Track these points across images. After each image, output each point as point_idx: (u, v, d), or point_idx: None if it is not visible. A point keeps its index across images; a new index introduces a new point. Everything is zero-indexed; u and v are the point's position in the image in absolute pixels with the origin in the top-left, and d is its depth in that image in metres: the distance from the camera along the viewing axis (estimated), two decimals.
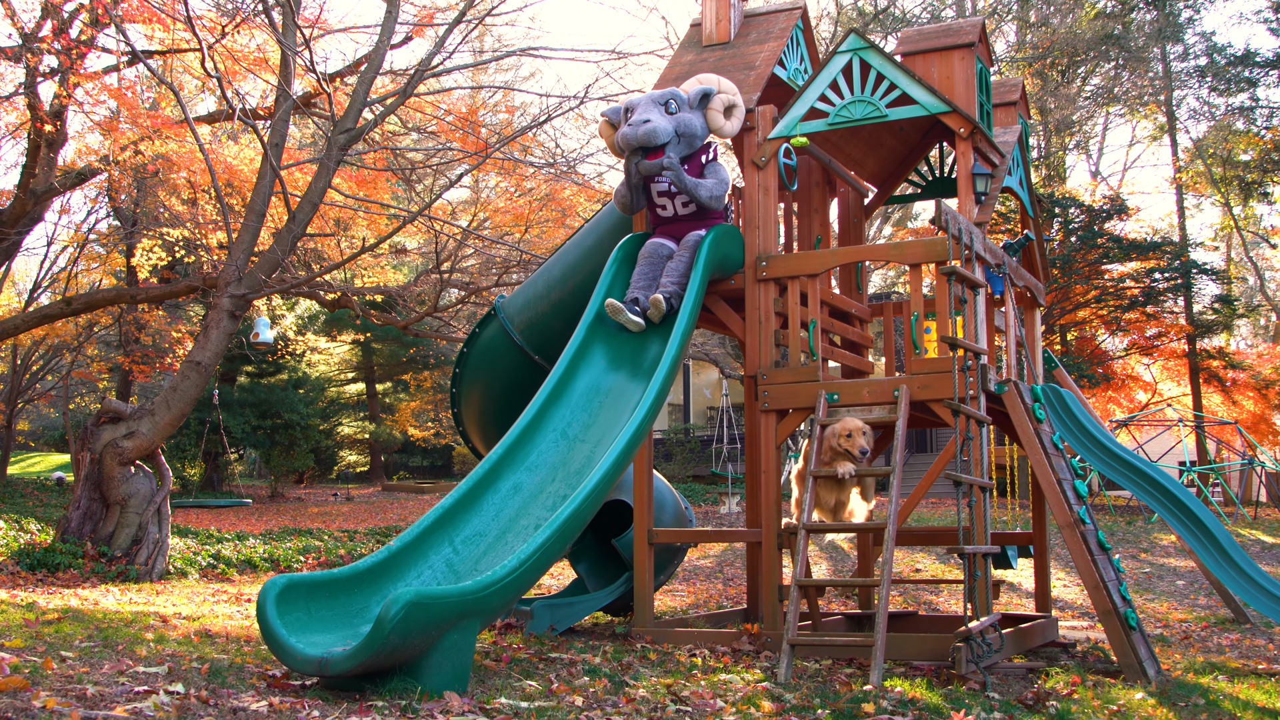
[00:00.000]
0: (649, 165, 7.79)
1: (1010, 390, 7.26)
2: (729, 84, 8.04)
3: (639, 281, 7.78)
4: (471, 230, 17.27)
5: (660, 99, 7.86)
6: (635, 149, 7.81)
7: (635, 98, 7.99)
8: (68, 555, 11.28)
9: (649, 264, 7.85)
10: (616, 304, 7.55)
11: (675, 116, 7.80)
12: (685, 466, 29.06)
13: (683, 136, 7.80)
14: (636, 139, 7.72)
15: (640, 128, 7.70)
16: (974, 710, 5.20)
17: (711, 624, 8.33)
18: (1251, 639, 8.92)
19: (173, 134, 15.90)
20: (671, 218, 8.03)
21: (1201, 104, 31.48)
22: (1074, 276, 25.67)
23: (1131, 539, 16.62)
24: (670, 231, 8.06)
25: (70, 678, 4.75)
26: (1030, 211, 9.03)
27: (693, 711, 4.97)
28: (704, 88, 7.96)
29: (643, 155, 7.80)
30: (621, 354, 7.59)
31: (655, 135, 7.69)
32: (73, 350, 26.13)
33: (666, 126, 7.72)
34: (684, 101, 7.90)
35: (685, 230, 7.99)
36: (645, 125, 7.69)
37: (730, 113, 8.01)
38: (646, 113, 7.80)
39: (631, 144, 7.76)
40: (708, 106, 7.96)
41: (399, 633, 4.77)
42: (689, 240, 7.84)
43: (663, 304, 7.51)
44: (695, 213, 7.95)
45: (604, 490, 6.22)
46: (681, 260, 7.73)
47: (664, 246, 7.95)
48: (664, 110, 7.83)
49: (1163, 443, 24.29)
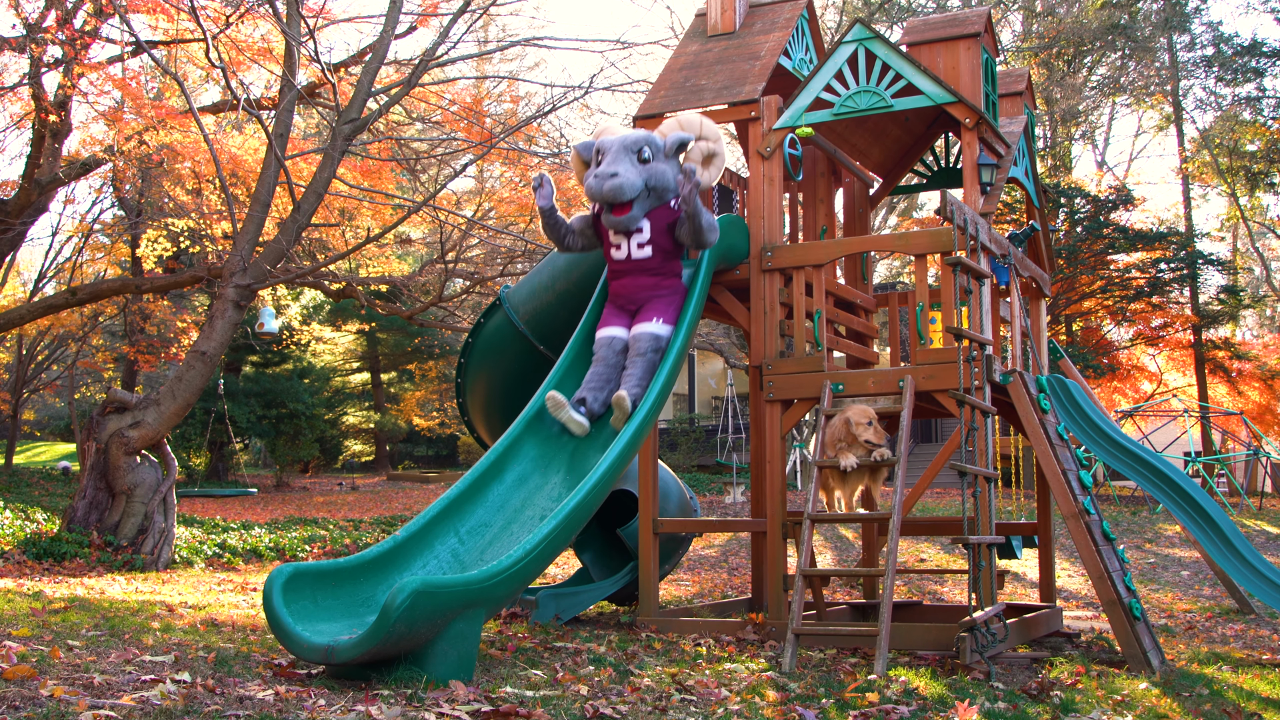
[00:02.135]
0: (614, 221, 7.20)
1: (1015, 381, 7.25)
2: (712, 128, 7.48)
3: (591, 381, 7.01)
4: (476, 220, 17.27)
5: (633, 145, 7.17)
6: (597, 200, 7.26)
7: (607, 138, 7.26)
8: (74, 545, 11.31)
9: (603, 363, 7.11)
10: (560, 399, 6.81)
11: (647, 167, 7.13)
12: (690, 456, 29.07)
13: (653, 190, 7.14)
14: (602, 194, 7.09)
15: (607, 182, 7.04)
16: (978, 700, 5.21)
17: (716, 613, 8.35)
18: (1256, 629, 8.92)
19: (177, 124, 15.90)
20: (624, 260, 7.32)
21: (1208, 94, 31.41)
22: (1079, 267, 25.63)
23: (1136, 529, 16.62)
24: (620, 288, 7.35)
25: (77, 666, 4.77)
26: (1036, 202, 9.02)
27: (698, 700, 4.98)
28: (682, 136, 7.33)
29: (609, 208, 7.20)
30: None
31: (621, 192, 7.04)
32: (78, 340, 26.20)
33: (635, 180, 7.05)
34: (659, 149, 7.23)
35: (636, 286, 7.29)
36: (612, 180, 7.02)
37: (709, 162, 7.45)
38: (616, 162, 7.11)
39: (596, 198, 7.18)
40: (686, 155, 7.40)
41: (405, 621, 4.78)
42: (644, 338, 7.08)
43: (628, 404, 6.73)
44: (650, 259, 7.27)
45: (610, 481, 6.22)
46: (641, 364, 6.97)
47: (616, 339, 7.18)
48: (635, 158, 7.14)
49: (1168, 433, 24.28)
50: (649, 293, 7.24)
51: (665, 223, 7.22)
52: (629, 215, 7.13)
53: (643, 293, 7.24)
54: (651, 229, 7.21)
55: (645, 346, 7.03)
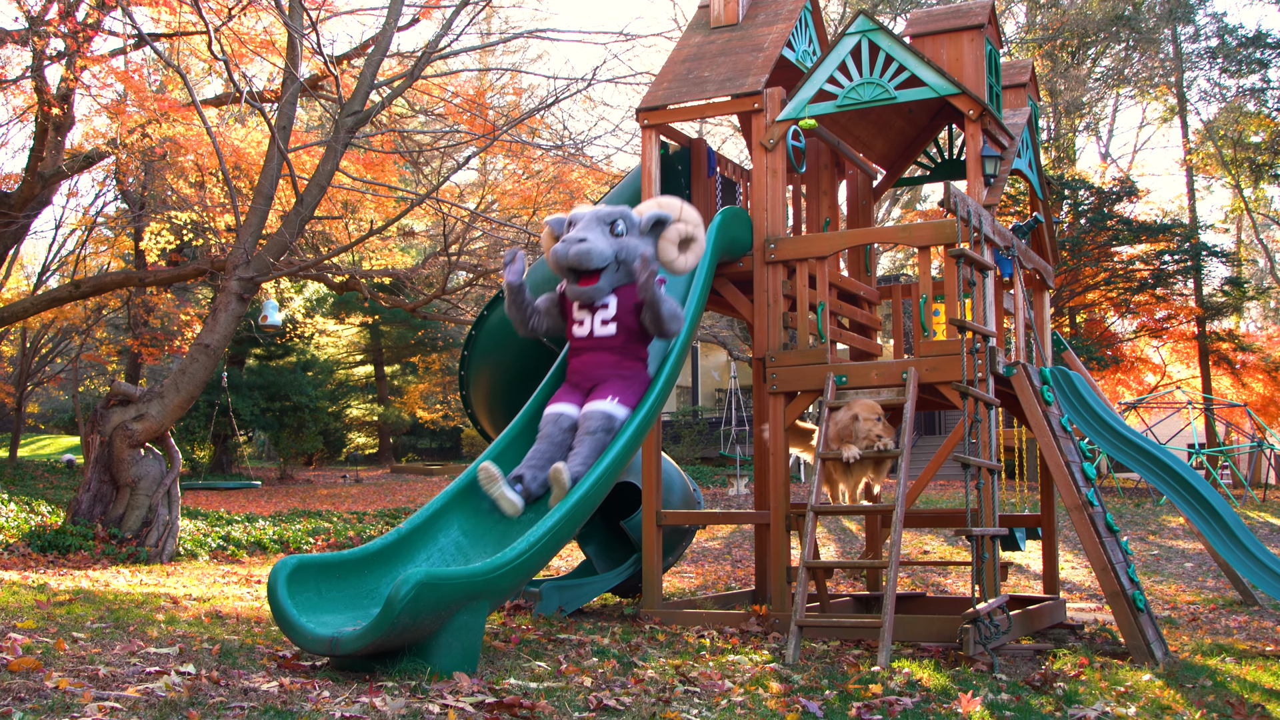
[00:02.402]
0: (579, 292, 6.77)
1: (1019, 373, 7.25)
2: (692, 214, 7.01)
3: (533, 459, 6.40)
4: (479, 212, 17.27)
5: (606, 217, 6.83)
6: (566, 270, 6.79)
7: (580, 210, 6.96)
8: (78, 537, 11.34)
9: (547, 441, 6.50)
10: (493, 472, 6.21)
11: (620, 240, 6.75)
12: (693, 449, 29.08)
13: (623, 264, 6.74)
14: (568, 259, 6.66)
15: (574, 247, 6.63)
16: (981, 691, 5.22)
17: (720, 605, 8.35)
18: (1259, 621, 8.92)
19: (180, 117, 15.89)
20: (585, 338, 6.85)
21: (1212, 85, 31.37)
22: (1083, 259, 25.61)
23: (1140, 521, 16.62)
24: (579, 365, 6.84)
25: (82, 658, 4.78)
26: (1039, 194, 9.01)
27: (701, 692, 4.99)
28: (660, 213, 6.95)
29: (575, 278, 6.79)
30: None
31: (589, 258, 6.61)
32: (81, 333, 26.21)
33: (605, 250, 6.66)
34: (634, 224, 6.87)
35: (596, 363, 6.78)
36: (580, 245, 6.62)
37: (686, 246, 6.99)
38: (587, 230, 6.74)
39: (562, 264, 6.73)
40: (661, 235, 6.96)
41: (409, 613, 4.79)
42: (595, 415, 6.47)
43: (566, 479, 6.10)
44: (614, 337, 6.77)
45: (614, 474, 6.23)
46: (589, 443, 6.33)
47: (564, 417, 6.59)
48: (608, 230, 6.78)
49: (1172, 425, 24.26)
50: (609, 370, 6.72)
51: (633, 302, 6.77)
52: (595, 286, 6.71)
53: (602, 370, 6.73)
54: (618, 306, 6.78)
55: (596, 425, 6.43)
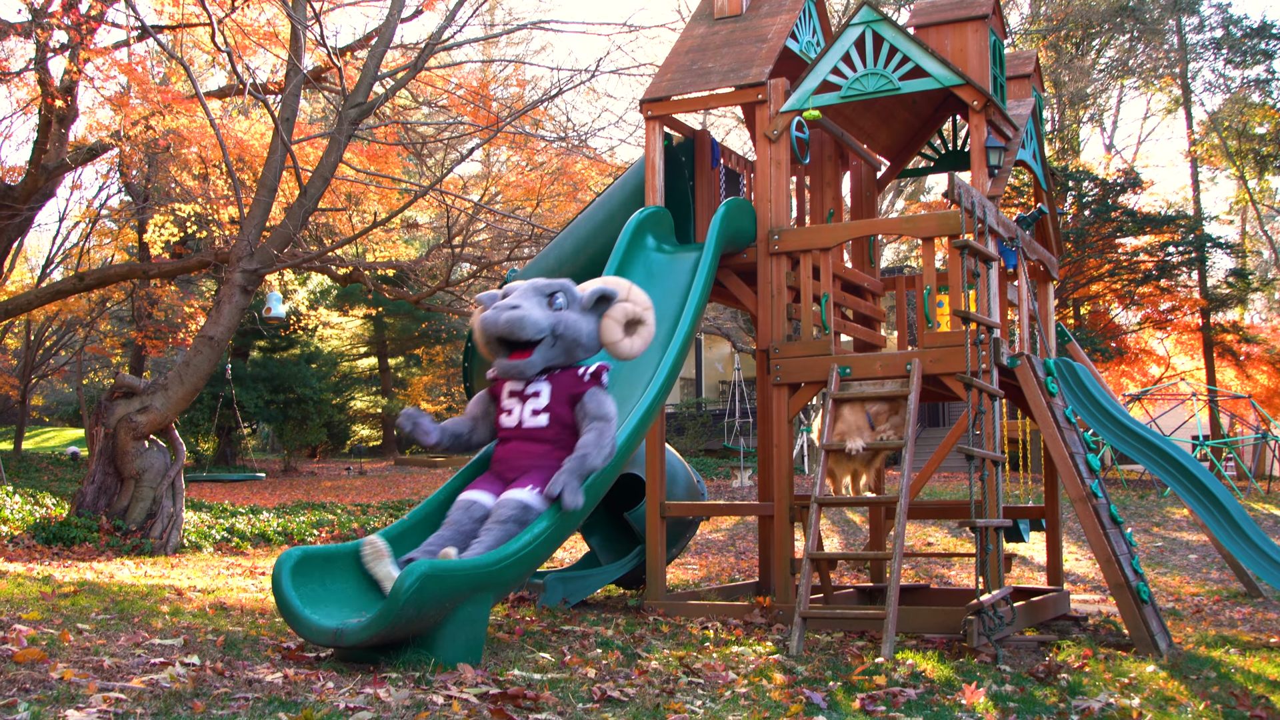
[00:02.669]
0: (507, 367, 6.04)
1: (1023, 364, 7.24)
2: (642, 296, 6.30)
3: (431, 544, 5.61)
4: (483, 205, 17.27)
5: (545, 289, 6.14)
6: (495, 340, 6.04)
7: (516, 283, 6.26)
8: (83, 529, 11.35)
9: (453, 528, 5.72)
10: (380, 547, 5.52)
11: (558, 314, 6.04)
12: (697, 440, 29.07)
13: (560, 339, 6.01)
14: (498, 328, 5.92)
15: (505, 313, 5.90)
16: (985, 683, 5.22)
17: (723, 597, 8.36)
18: (1264, 613, 8.92)
19: (183, 109, 15.90)
20: (514, 429, 6.07)
21: (1217, 76, 31.30)
22: (1087, 250, 25.57)
23: (1144, 513, 16.61)
24: (504, 453, 6.06)
25: (87, 650, 4.79)
26: (1044, 185, 8.99)
27: (705, 683, 4.99)
28: (605, 288, 6.23)
29: (505, 350, 6.06)
30: None
31: (521, 327, 5.88)
32: (86, 326, 26.26)
33: (539, 320, 5.93)
34: (576, 299, 6.17)
35: (522, 452, 5.98)
36: (512, 312, 5.90)
37: (634, 329, 6.24)
38: (522, 299, 6.03)
39: (491, 333, 5.98)
40: (605, 313, 6.22)
41: (413, 605, 4.79)
42: (509, 504, 5.66)
43: None
44: (546, 429, 5.99)
45: (618, 464, 6.23)
46: (497, 533, 5.53)
47: (477, 505, 5.81)
48: (545, 301, 6.07)
49: (1176, 417, 24.24)
50: (536, 461, 5.93)
51: (569, 392, 6.03)
52: (528, 360, 5.98)
53: (528, 459, 5.94)
54: (552, 395, 6.02)
55: (508, 514, 5.63)
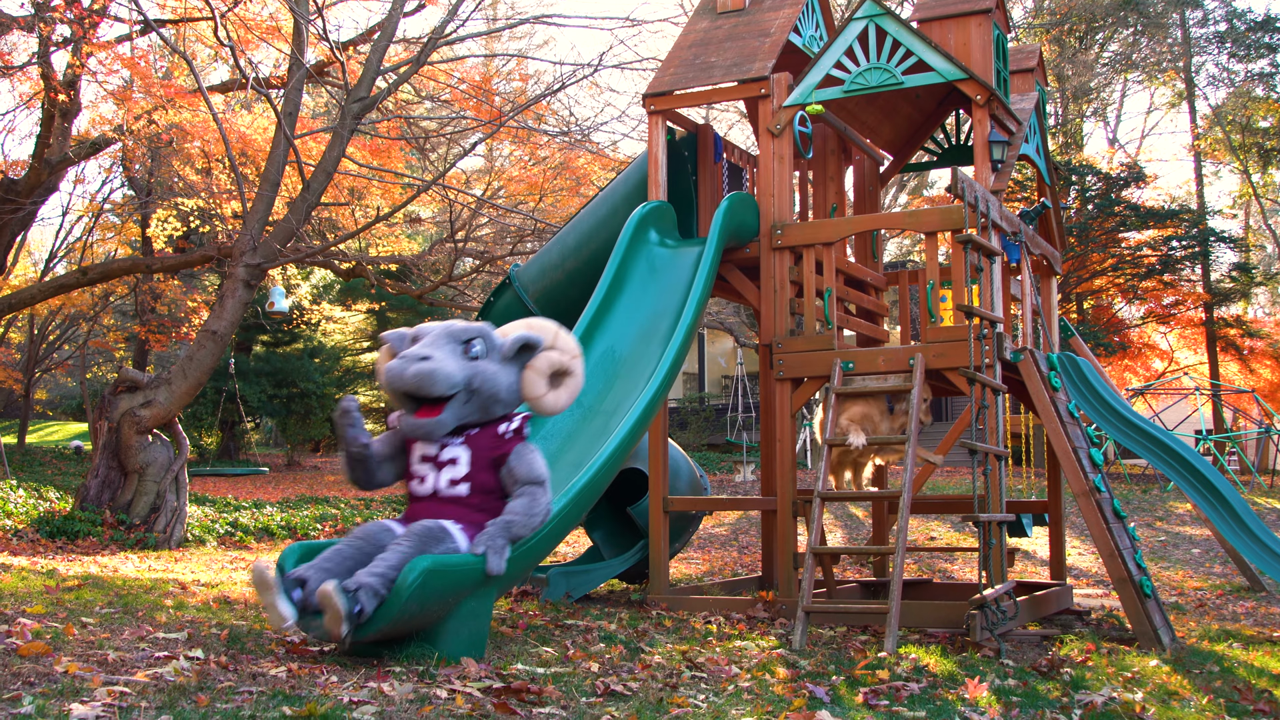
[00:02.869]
0: (415, 426, 5.32)
1: (1026, 359, 7.24)
2: (570, 343, 5.63)
3: (329, 559, 5.04)
4: (486, 199, 17.26)
5: (461, 335, 5.43)
6: (402, 395, 5.35)
7: (427, 325, 5.55)
8: (87, 523, 11.37)
9: (356, 546, 5.12)
10: (267, 580, 4.79)
11: (475, 365, 5.35)
12: (700, 435, 29.08)
13: (476, 394, 5.32)
14: (405, 382, 5.23)
15: (414, 365, 5.21)
16: (988, 677, 5.22)
17: (726, 591, 8.37)
18: (1267, 607, 8.92)
19: (186, 103, 15.89)
20: (428, 496, 5.40)
21: (1220, 70, 31.22)
22: (1091, 244, 25.55)
23: (1147, 507, 16.61)
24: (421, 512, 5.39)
25: (91, 643, 4.80)
26: (1047, 179, 8.98)
27: (708, 677, 5.00)
28: (528, 335, 5.52)
29: (413, 406, 5.36)
30: (636, 322, 7.59)
31: (433, 382, 5.19)
32: (89, 320, 26.26)
33: (453, 373, 5.24)
34: (494, 345, 5.48)
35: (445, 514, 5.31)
36: (422, 365, 5.21)
37: (560, 381, 5.56)
38: (432, 347, 5.34)
39: (397, 387, 5.29)
40: (527, 363, 5.53)
41: (417, 599, 4.80)
42: (417, 528, 5.09)
43: (338, 605, 4.62)
44: (468, 498, 5.34)
45: (619, 458, 6.23)
46: (400, 550, 4.95)
47: (388, 531, 5.22)
48: (460, 349, 5.37)
49: (1179, 411, 24.22)
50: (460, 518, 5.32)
51: (490, 455, 5.38)
52: (437, 421, 5.27)
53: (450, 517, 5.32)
54: (472, 461, 5.36)
55: (421, 529, 5.10)
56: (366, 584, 4.76)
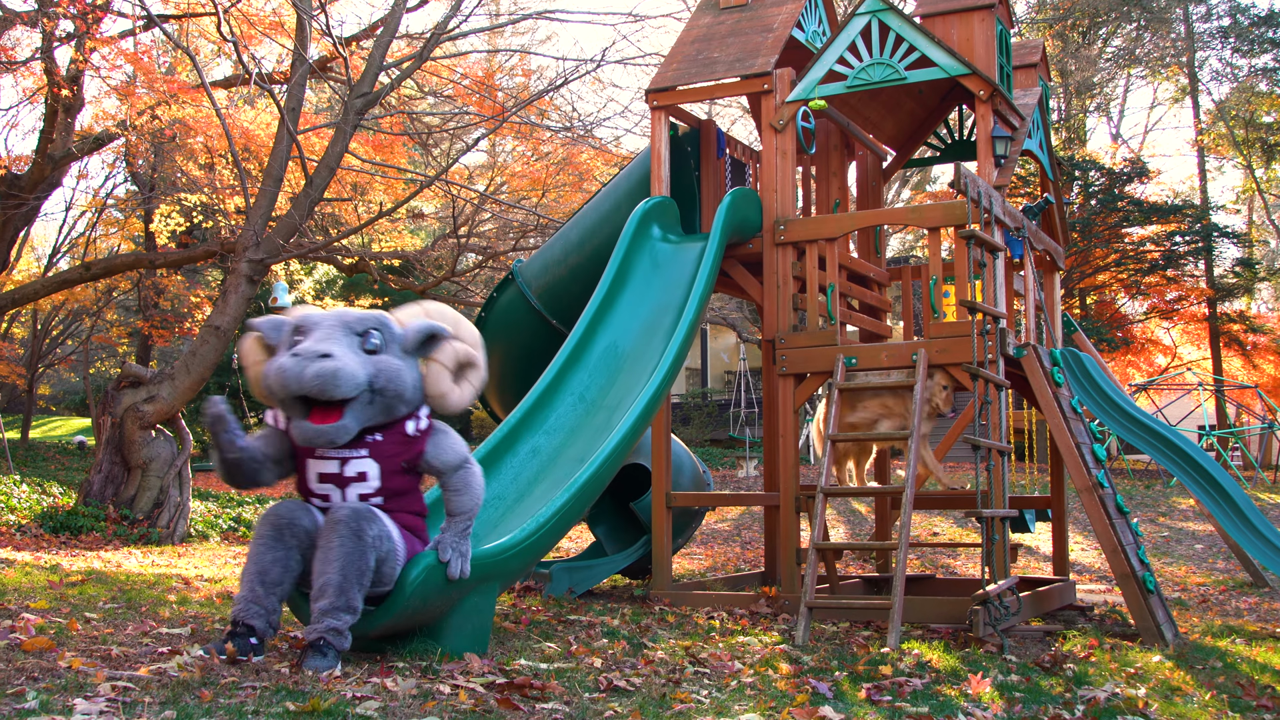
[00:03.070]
0: (312, 434, 4.64)
1: (1029, 354, 7.24)
2: (471, 331, 5.11)
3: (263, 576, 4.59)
4: (489, 194, 17.27)
5: (356, 325, 4.78)
6: (294, 399, 4.63)
7: (313, 313, 4.84)
8: (90, 518, 11.38)
9: (281, 547, 4.63)
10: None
11: (376, 360, 4.71)
12: (703, 430, 29.07)
13: (379, 394, 4.69)
14: (304, 384, 4.53)
15: (314, 365, 4.53)
16: (991, 673, 5.22)
17: (729, 587, 8.37)
18: (1270, 602, 8.92)
19: (189, 99, 15.90)
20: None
21: (1224, 65, 31.19)
22: (1094, 240, 25.53)
23: (1150, 503, 16.60)
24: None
25: (95, 638, 4.81)
26: (1050, 174, 8.97)
27: (711, 673, 5.00)
28: (431, 325, 4.92)
29: (305, 410, 4.65)
30: (639, 318, 7.59)
31: (336, 383, 4.54)
32: (92, 315, 26.28)
33: (357, 373, 4.60)
34: (394, 337, 4.85)
35: None
36: (324, 364, 4.53)
37: (464, 374, 4.98)
38: (329, 341, 4.67)
39: (292, 389, 4.56)
40: (430, 355, 4.92)
41: (420, 595, 4.80)
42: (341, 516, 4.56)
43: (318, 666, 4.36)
44: (384, 506, 4.82)
45: (622, 453, 6.23)
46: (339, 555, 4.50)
47: (308, 513, 4.72)
48: (359, 343, 4.73)
49: (1182, 407, 24.21)
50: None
51: (400, 460, 4.82)
52: (338, 426, 4.63)
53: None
54: (381, 471, 4.79)
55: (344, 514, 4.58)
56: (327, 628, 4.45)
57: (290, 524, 4.65)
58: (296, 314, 4.83)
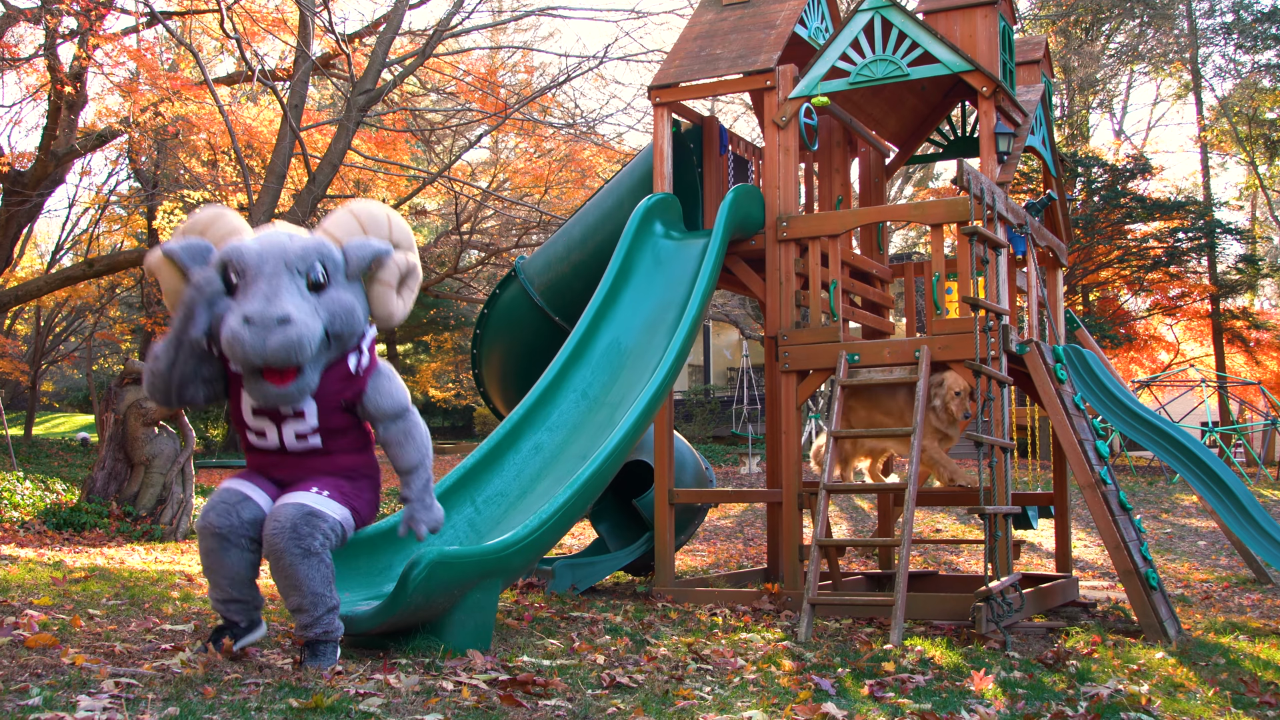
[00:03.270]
0: (273, 396, 4.36)
1: (1032, 351, 7.23)
2: (404, 230, 4.77)
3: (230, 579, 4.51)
4: (491, 191, 17.27)
5: (299, 261, 4.38)
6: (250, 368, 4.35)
7: (246, 248, 4.36)
8: (93, 515, 11.39)
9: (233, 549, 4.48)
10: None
11: (324, 297, 4.40)
12: (705, 427, 29.08)
13: (336, 338, 4.43)
14: (266, 355, 4.23)
15: (275, 335, 4.19)
16: (994, 669, 5.22)
17: (732, 583, 8.37)
18: (1273, 599, 8.91)
19: (192, 95, 15.91)
20: (273, 451, 4.60)
21: (1227, 61, 31.14)
22: (1096, 236, 25.50)
23: (1153, 499, 16.59)
24: (264, 466, 4.64)
25: (98, 635, 4.81)
26: (1053, 171, 8.97)
27: (714, 670, 5.01)
28: (375, 247, 4.57)
29: (257, 372, 4.35)
30: (642, 315, 7.59)
31: (302, 351, 4.25)
32: (95, 312, 26.32)
33: (316, 330, 4.29)
34: (337, 266, 4.49)
35: (296, 466, 4.60)
36: (288, 331, 4.19)
37: (405, 284, 4.69)
38: (281, 296, 4.28)
39: (254, 363, 4.28)
40: (375, 277, 4.61)
41: (422, 591, 4.80)
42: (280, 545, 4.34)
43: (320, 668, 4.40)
44: (319, 449, 4.58)
45: (624, 450, 6.23)
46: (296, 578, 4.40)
47: (245, 503, 4.49)
48: (304, 285, 4.38)
49: (1185, 403, 24.19)
50: (313, 471, 4.61)
51: (340, 398, 4.54)
52: (296, 383, 4.37)
53: (302, 472, 4.61)
54: (319, 410, 4.52)
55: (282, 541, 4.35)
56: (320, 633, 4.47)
57: (232, 528, 4.43)
58: (221, 241, 4.45)
